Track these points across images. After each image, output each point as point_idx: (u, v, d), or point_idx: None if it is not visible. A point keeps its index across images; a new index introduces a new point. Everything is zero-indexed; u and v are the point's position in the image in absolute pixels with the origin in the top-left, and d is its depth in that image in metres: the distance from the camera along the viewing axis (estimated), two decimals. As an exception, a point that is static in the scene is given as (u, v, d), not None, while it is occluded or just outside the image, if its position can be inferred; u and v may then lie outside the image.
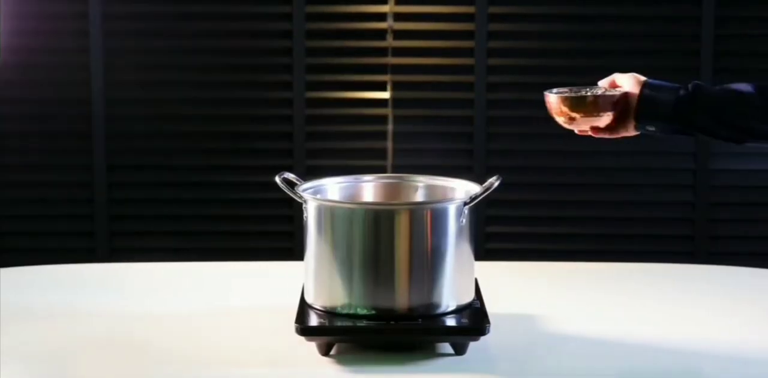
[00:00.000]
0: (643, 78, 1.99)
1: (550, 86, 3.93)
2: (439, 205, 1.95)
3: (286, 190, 2.01)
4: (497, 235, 3.93)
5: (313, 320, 1.92)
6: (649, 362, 1.90)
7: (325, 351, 1.91)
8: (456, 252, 1.94)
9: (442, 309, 1.94)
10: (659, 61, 3.91)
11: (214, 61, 3.92)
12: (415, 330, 1.90)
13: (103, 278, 2.43)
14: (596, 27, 3.91)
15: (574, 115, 2.01)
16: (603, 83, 2.04)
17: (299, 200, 2.00)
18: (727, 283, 2.42)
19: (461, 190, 2.07)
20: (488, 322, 1.91)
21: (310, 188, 2.06)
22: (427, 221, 1.92)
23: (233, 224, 3.95)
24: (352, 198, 2.13)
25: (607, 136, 2.04)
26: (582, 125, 2.03)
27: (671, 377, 1.87)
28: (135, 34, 3.90)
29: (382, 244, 1.91)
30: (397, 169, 3.84)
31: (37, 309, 2.16)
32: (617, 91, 1.99)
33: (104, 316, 2.13)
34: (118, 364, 1.89)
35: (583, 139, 3.88)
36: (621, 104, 1.99)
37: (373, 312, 1.91)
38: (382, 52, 3.89)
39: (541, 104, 4.15)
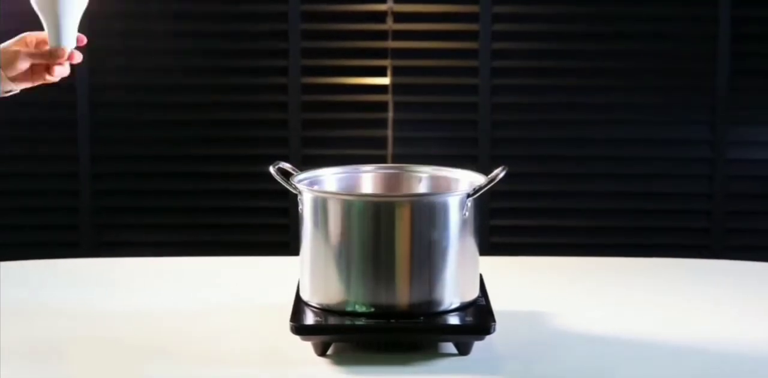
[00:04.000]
0: None
1: (559, 72, 3.96)
2: (441, 197, 1.95)
3: (280, 181, 2.01)
4: (503, 229, 3.93)
5: (309, 318, 1.92)
6: (662, 362, 1.90)
7: (322, 351, 1.91)
8: (459, 246, 1.94)
9: (445, 306, 1.94)
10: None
11: (204, 45, 3.91)
12: (417, 329, 1.90)
13: (88, 274, 2.43)
14: (601, 9, 3.91)
15: None
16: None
17: (294, 191, 1.99)
18: (745, 278, 2.41)
19: (465, 180, 2.07)
20: (494, 320, 1.91)
21: (306, 179, 2.06)
22: (428, 214, 1.92)
23: (225, 217, 3.95)
24: (351, 189, 2.13)
25: None
26: None
27: (685, 376, 1.87)
28: (122, 17, 3.89)
29: (381, 238, 1.90)
30: (397, 158, 3.83)
31: (18, 306, 2.16)
32: None
33: (89, 314, 2.13)
34: (104, 363, 1.89)
35: (595, 127, 3.91)
36: None
37: (372, 310, 1.91)
38: (381, 35, 3.88)
39: (549, 90, 4.15)
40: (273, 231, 3.92)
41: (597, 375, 1.86)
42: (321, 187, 2.07)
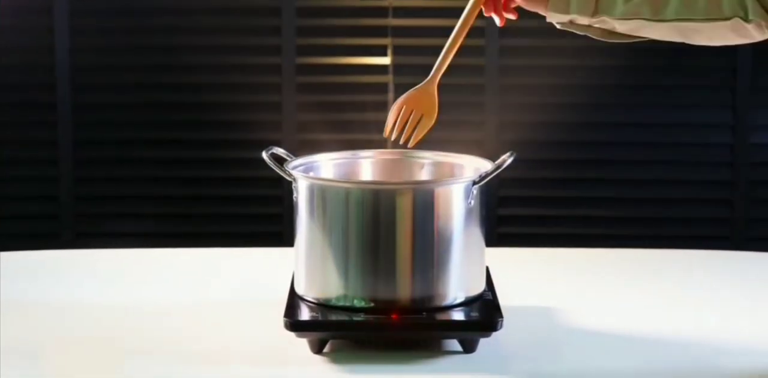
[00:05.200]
0: None
1: (572, 51, 3.95)
2: (445, 185, 1.94)
3: (274, 167, 2.01)
4: (511, 218, 3.93)
5: (305, 314, 1.92)
6: (680, 360, 1.90)
7: (318, 348, 1.90)
8: (464, 237, 1.94)
9: (449, 301, 1.94)
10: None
11: (192, 22, 3.90)
12: (419, 325, 1.90)
13: (69, 266, 2.43)
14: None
15: None
16: None
17: (289, 178, 1.99)
18: (768, 271, 2.42)
19: (470, 167, 2.07)
20: (501, 315, 1.90)
21: (301, 165, 2.06)
22: (431, 203, 1.91)
23: (215, 206, 3.94)
24: (349, 176, 2.13)
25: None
26: None
27: (704, 376, 1.86)
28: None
29: (381, 229, 1.90)
30: (398, 144, 3.82)
31: (-6, 301, 2.16)
32: None
33: (71, 308, 2.13)
34: (87, 360, 1.88)
35: (608, 111, 3.91)
36: None
37: (372, 304, 1.91)
38: (381, 11, 3.88)
39: (561, 70, 4.14)
40: (266, 220, 3.92)
41: (609, 374, 1.86)
42: (317, 174, 2.07)
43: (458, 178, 2.02)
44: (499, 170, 1.96)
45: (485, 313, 1.93)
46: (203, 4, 3.91)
